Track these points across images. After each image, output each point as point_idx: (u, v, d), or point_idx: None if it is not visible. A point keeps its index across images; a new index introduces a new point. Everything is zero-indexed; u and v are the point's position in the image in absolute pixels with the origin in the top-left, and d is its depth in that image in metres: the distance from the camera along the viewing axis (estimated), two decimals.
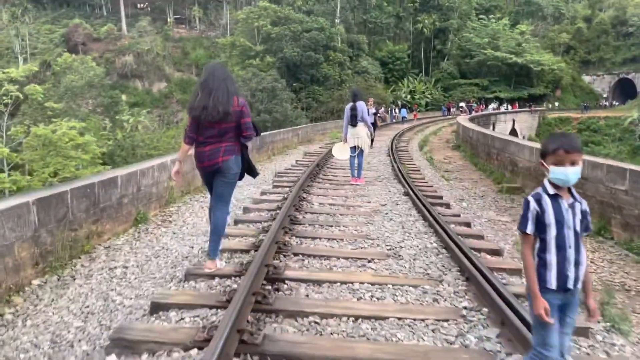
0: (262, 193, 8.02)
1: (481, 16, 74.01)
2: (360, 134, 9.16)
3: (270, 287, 3.85)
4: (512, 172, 11.72)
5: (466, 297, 3.87)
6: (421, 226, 6.01)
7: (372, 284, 4.00)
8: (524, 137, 42.55)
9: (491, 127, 36.62)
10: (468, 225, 6.47)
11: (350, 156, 9.33)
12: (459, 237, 5.30)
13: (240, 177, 4.35)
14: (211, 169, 4.12)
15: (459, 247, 4.86)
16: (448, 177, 12.63)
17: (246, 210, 6.61)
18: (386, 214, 6.64)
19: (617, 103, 71.30)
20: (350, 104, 9.18)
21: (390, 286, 3.98)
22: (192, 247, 5.34)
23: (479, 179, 13.29)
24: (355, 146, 9.21)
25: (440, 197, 8.34)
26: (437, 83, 67.44)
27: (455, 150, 20.37)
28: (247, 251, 4.80)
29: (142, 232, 6.31)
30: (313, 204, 7.19)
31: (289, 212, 6.20)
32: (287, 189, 8.29)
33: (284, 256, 4.69)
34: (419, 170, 11.89)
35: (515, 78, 67.85)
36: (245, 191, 8.62)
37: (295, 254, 4.75)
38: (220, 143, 4.05)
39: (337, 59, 51.00)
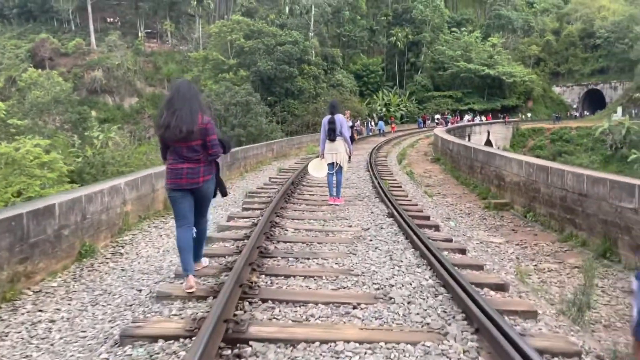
0: (230, 218, 7.12)
1: (453, 29, 74.87)
2: (338, 149, 8.36)
3: (229, 353, 2.98)
4: (498, 186, 11.08)
5: (480, 358, 3.05)
6: (412, 256, 5.20)
7: (360, 342, 3.16)
8: (498, 148, 42.55)
9: (467, 139, 36.40)
10: (463, 252, 5.70)
11: (328, 173, 8.52)
12: (456, 268, 4.51)
13: (214, 195, 4.39)
14: (189, 188, 4.06)
15: (459, 284, 4.05)
16: (431, 193, 11.93)
17: (209, 240, 5.72)
18: (370, 241, 5.82)
19: (587, 113, 72.58)
20: (327, 117, 8.39)
21: (382, 344, 3.14)
22: (140, 291, 4.41)
23: (462, 193, 12.64)
24: (333, 162, 8.41)
25: (428, 218, 7.57)
26: (411, 96, 67.61)
27: (434, 163, 19.79)
28: (204, 298, 3.91)
29: (85, 270, 5.36)
30: (287, 230, 6.33)
31: (258, 243, 5.33)
32: (258, 212, 7.42)
33: (250, 303, 3.81)
34: (400, 186, 11.14)
35: (488, 90, 68.50)
36: (209, 215, 7.71)
37: (264, 300, 3.88)
38: (198, 163, 4.04)
39: (311, 72, 50.58)
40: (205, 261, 4.77)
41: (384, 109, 61.64)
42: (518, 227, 8.69)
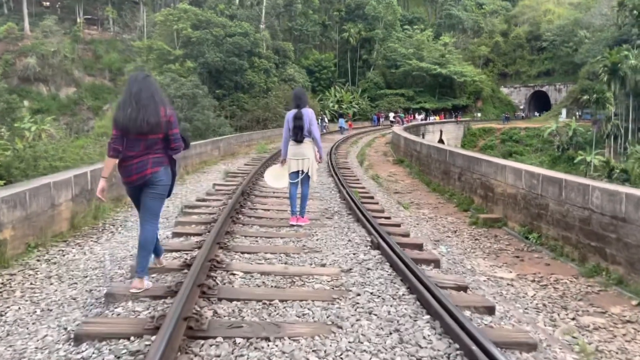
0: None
1: (406, 27, 74.37)
2: (306, 153, 6.45)
3: None
4: (484, 198, 9.50)
5: None
6: (429, 329, 3.37)
7: None
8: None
9: (421, 137, 35.43)
10: (491, 310, 3.94)
11: (290, 184, 6.61)
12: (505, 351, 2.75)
13: (169, 194, 4.16)
14: (139, 182, 3.91)
15: None
16: (405, 204, 10.23)
17: (109, 300, 3.70)
18: (358, 296, 3.94)
19: (537, 114, 74.19)
20: (292, 111, 6.46)
21: None
22: None
23: (438, 203, 11.05)
24: (298, 170, 6.51)
25: (420, 247, 5.80)
26: (363, 93, 66.51)
27: (397, 165, 18.25)
28: None
29: None
30: (235, 276, 4.36)
31: (190, 305, 3.38)
32: (195, 240, 5.43)
33: None
34: (372, 197, 9.34)
35: (439, 89, 68.52)
36: (119, 251, 5.58)
37: None
38: (147, 155, 3.88)
39: (262, 65, 48.35)
40: (148, 283, 3.97)
41: (336, 106, 60.17)
42: (521, 252, 7.10)
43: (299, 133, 6.35)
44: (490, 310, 3.93)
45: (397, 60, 66.65)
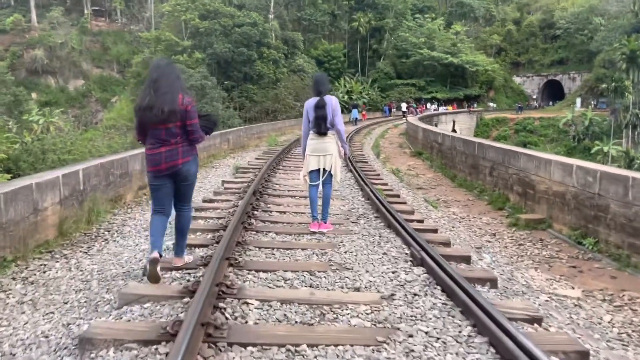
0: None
1: (416, 16, 72.80)
2: (329, 148, 5.51)
3: None
4: (522, 195, 8.53)
5: None
6: None
7: None
8: None
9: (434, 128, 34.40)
10: (585, 356, 3.01)
11: (310, 186, 5.69)
12: None
13: None
14: (169, 172, 3.86)
15: None
16: (433, 203, 9.29)
17: (86, 348, 2.82)
18: (410, 337, 3.00)
19: (551, 103, 72.65)
20: (314, 100, 5.51)
21: None
22: None
23: (467, 200, 10.10)
24: (319, 169, 5.60)
25: (468, 259, 4.85)
26: (373, 83, 65.22)
27: (415, 158, 17.27)
28: None
29: None
30: (248, 306, 3.43)
31: (192, 358, 2.50)
32: (200, 253, 4.53)
33: None
34: (398, 195, 8.38)
35: (450, 79, 67.17)
36: (111, 266, 4.68)
37: None
38: (177, 145, 3.83)
39: (271, 56, 47.33)
40: (189, 257, 4.25)
41: (346, 97, 59.04)
42: (576, 260, 6.14)
43: (322, 124, 5.41)
44: (584, 357, 3.00)
45: (407, 49, 65.31)
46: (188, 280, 3.84)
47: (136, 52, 56.71)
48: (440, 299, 3.61)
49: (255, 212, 6.39)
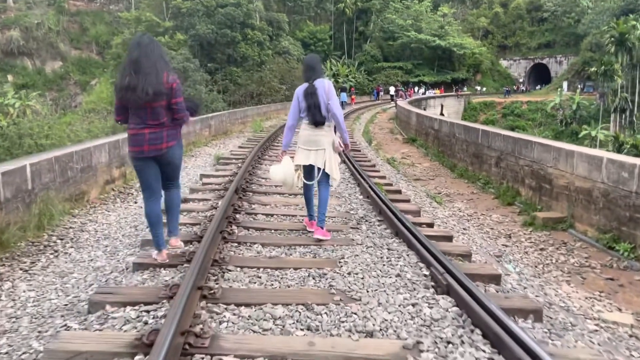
0: (100, 305, 3.18)
1: None
2: (322, 141, 4.58)
3: None
4: (536, 190, 7.66)
5: None
6: None
7: None
8: None
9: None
10: None
11: (305, 184, 4.73)
12: None
13: None
14: (152, 154, 3.67)
15: None
16: (437, 198, 8.39)
17: None
18: None
19: (538, 87, 72.32)
20: (303, 86, 4.55)
21: None
22: None
23: (471, 194, 9.22)
24: (312, 166, 4.65)
25: (498, 278, 3.95)
26: (360, 66, 64.04)
27: (409, 145, 16.37)
28: None
29: None
30: None
31: None
32: (164, 279, 3.58)
33: None
34: (399, 191, 7.42)
35: (437, 62, 66.26)
36: (52, 293, 3.64)
37: None
38: (161, 127, 3.65)
39: (255, 37, 45.88)
40: (180, 243, 4.15)
41: (332, 80, 57.84)
42: (611, 269, 5.30)
43: (316, 113, 4.44)
44: None
45: (394, 32, 64.15)
46: (146, 323, 2.87)
47: (116, 33, 54.88)
48: (484, 351, 2.69)
49: (237, 216, 5.41)
